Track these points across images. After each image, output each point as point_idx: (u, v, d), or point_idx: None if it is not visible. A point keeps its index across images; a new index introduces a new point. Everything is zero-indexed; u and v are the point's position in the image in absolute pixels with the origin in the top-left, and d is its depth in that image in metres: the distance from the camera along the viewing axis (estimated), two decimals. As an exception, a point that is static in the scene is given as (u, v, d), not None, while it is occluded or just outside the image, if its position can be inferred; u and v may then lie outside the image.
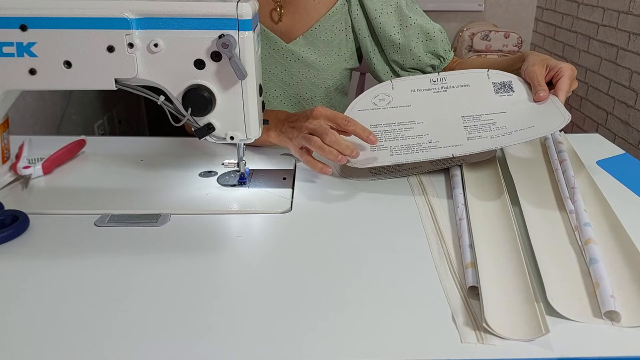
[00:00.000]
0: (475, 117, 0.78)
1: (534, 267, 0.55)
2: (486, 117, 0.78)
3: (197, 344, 0.46)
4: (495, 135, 0.74)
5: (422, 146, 0.74)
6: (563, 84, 0.78)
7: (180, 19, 0.61)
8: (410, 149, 0.75)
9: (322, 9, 0.97)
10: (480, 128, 0.76)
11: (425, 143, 0.75)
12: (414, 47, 0.98)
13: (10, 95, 0.71)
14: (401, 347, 0.45)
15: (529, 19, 2.99)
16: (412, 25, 0.97)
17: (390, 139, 0.77)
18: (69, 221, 0.66)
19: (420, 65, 1.00)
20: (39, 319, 0.49)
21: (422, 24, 0.98)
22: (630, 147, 2.13)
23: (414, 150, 0.74)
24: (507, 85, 0.83)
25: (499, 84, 0.83)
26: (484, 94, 0.81)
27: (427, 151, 0.74)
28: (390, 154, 0.74)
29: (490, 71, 0.84)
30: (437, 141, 0.75)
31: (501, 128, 0.75)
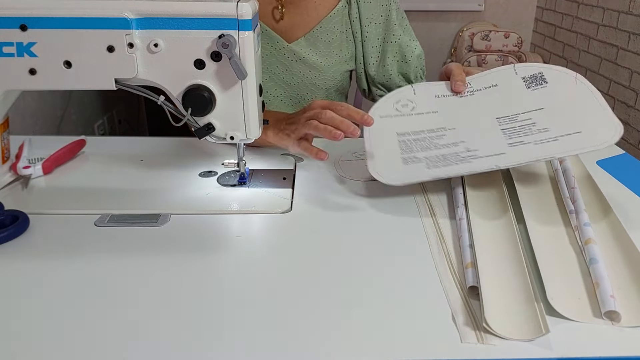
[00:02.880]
0: (512, 117, 0.71)
1: (534, 267, 0.55)
2: (523, 116, 0.71)
3: (197, 343, 0.46)
4: (540, 140, 0.66)
5: (460, 156, 0.68)
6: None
7: (180, 19, 0.61)
8: (448, 159, 0.68)
9: (323, 10, 0.97)
10: (520, 130, 0.69)
11: (464, 152, 0.68)
12: (388, 64, 1.00)
13: (10, 95, 0.71)
14: (401, 347, 0.45)
15: (529, 19, 2.99)
16: (393, 43, 0.99)
17: (423, 149, 0.70)
18: (69, 221, 0.66)
19: (389, 84, 1.02)
20: (39, 318, 0.49)
21: (403, 44, 0.99)
22: (630, 147, 2.13)
23: (452, 162, 0.67)
24: (538, 78, 0.75)
25: (529, 78, 0.76)
26: (516, 91, 0.75)
27: (468, 162, 0.66)
28: (426, 167, 0.67)
29: (516, 66, 0.77)
30: (476, 149, 0.68)
31: (544, 130, 0.68)
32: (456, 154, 0.68)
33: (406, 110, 0.76)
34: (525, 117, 0.71)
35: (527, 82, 0.75)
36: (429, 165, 0.68)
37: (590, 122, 0.67)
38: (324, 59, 0.99)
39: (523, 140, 0.68)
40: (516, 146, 0.67)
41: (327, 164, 0.83)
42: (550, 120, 0.69)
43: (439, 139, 0.72)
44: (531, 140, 0.67)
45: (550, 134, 0.67)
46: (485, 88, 0.77)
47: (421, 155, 0.70)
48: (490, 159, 0.66)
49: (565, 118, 0.69)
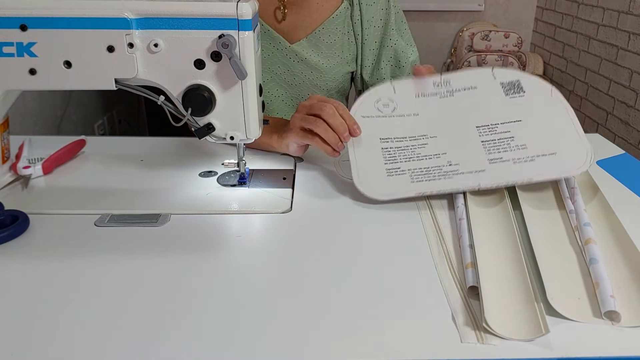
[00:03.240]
0: (491, 127, 0.73)
1: (534, 267, 0.55)
2: (502, 127, 0.73)
3: (197, 343, 0.46)
4: (518, 159, 0.69)
5: (443, 170, 0.69)
6: None
7: (180, 19, 0.61)
8: (431, 173, 0.69)
9: (326, 11, 0.97)
10: (499, 145, 0.71)
11: (446, 165, 0.70)
12: (382, 68, 1.01)
13: (10, 95, 0.71)
14: (401, 347, 0.45)
15: (529, 19, 2.99)
16: (388, 47, 1.00)
17: (406, 159, 0.71)
18: (69, 221, 0.65)
19: None
20: (39, 318, 0.49)
21: (399, 49, 1.00)
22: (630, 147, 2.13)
23: (435, 176, 0.69)
24: (516, 86, 0.77)
25: (507, 84, 0.77)
26: (495, 97, 0.76)
27: (450, 177, 0.69)
28: (410, 179, 0.69)
29: (495, 69, 0.79)
30: (457, 163, 0.70)
31: (522, 147, 0.70)
32: (439, 167, 0.70)
33: (387, 111, 0.76)
34: (505, 128, 0.73)
35: (506, 89, 0.77)
36: (412, 179, 0.70)
37: (564, 143, 0.70)
38: (325, 60, 0.99)
39: (502, 157, 0.70)
40: (495, 163, 0.70)
41: (327, 164, 0.83)
42: (527, 136, 0.71)
43: (421, 148, 0.73)
44: (509, 157, 0.70)
45: (527, 153, 0.70)
46: (464, 89, 0.77)
47: (405, 167, 0.71)
48: (471, 176, 0.69)
49: (541, 135, 0.71)
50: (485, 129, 0.73)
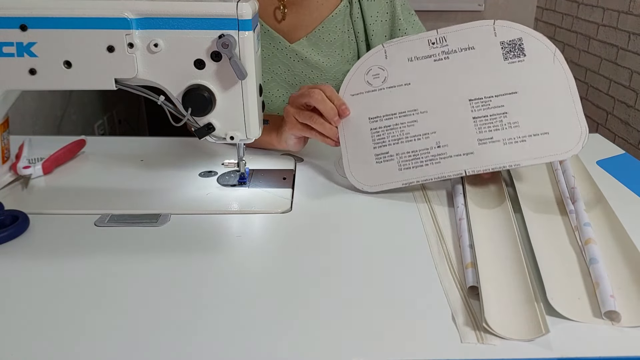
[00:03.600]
0: (484, 101, 0.71)
1: (534, 267, 0.55)
2: (496, 100, 0.70)
3: (197, 343, 0.46)
4: (508, 140, 0.68)
5: (430, 153, 0.70)
6: None
7: (180, 19, 0.61)
8: (418, 158, 0.71)
9: (325, 10, 0.97)
10: (491, 122, 0.70)
11: (434, 148, 0.70)
12: None
13: (10, 95, 0.71)
14: (401, 347, 0.45)
15: (529, 19, 2.99)
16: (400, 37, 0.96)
17: (395, 141, 0.72)
18: (69, 221, 0.65)
19: None
20: (39, 318, 0.49)
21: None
22: (630, 147, 2.13)
23: (422, 161, 0.70)
24: (517, 46, 0.72)
25: (507, 44, 0.72)
26: (492, 62, 0.72)
27: (438, 162, 0.70)
28: (398, 166, 0.71)
29: (496, 23, 0.73)
30: (445, 145, 0.70)
31: (514, 125, 0.69)
32: (427, 150, 0.71)
33: (377, 83, 0.75)
34: (498, 102, 0.70)
35: (505, 51, 0.72)
36: (400, 166, 0.71)
37: (559, 121, 0.68)
38: (326, 59, 0.99)
39: (492, 137, 0.69)
40: (485, 144, 0.69)
41: (327, 164, 0.83)
42: (521, 112, 0.69)
43: (410, 127, 0.72)
44: (500, 137, 0.69)
45: (519, 132, 0.69)
46: (461, 50, 0.73)
47: (393, 152, 0.72)
48: (459, 160, 0.69)
49: (536, 111, 0.69)
50: (478, 103, 0.71)
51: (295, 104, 0.77)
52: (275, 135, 0.83)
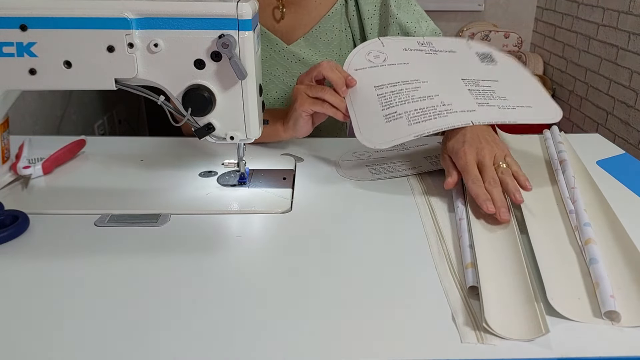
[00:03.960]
0: (474, 81, 0.78)
1: (534, 267, 0.55)
2: (484, 83, 0.78)
3: (196, 343, 0.46)
4: (502, 106, 0.73)
5: (437, 109, 0.72)
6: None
7: (180, 19, 0.61)
8: (426, 113, 0.72)
9: (322, 9, 0.97)
10: (483, 94, 0.75)
11: (439, 105, 0.73)
12: None
13: (10, 95, 0.71)
14: (401, 347, 0.45)
15: (529, 19, 2.99)
16: (392, 24, 0.95)
17: (402, 102, 0.74)
18: (69, 221, 0.66)
19: None
20: (39, 318, 0.49)
21: (403, 22, 0.94)
22: (630, 147, 2.14)
23: (430, 116, 0.71)
24: (488, 56, 0.84)
25: (481, 54, 0.84)
26: (472, 61, 0.82)
27: (445, 116, 0.71)
28: (407, 122, 0.71)
29: (469, 41, 0.86)
30: (450, 104, 0.73)
31: (502, 99, 0.75)
32: (433, 107, 0.73)
33: (378, 62, 0.79)
34: (486, 84, 0.78)
35: (480, 58, 0.84)
36: (409, 122, 0.72)
37: (538, 100, 0.77)
38: (324, 59, 0.98)
39: (488, 102, 0.74)
40: (484, 106, 0.74)
41: (327, 163, 0.83)
42: (506, 91, 0.77)
43: (415, 91, 0.75)
44: (495, 104, 0.74)
45: (509, 103, 0.75)
46: (445, 51, 0.83)
47: (401, 110, 0.73)
48: (465, 114, 0.72)
49: (517, 92, 0.77)
50: (469, 82, 0.78)
51: (304, 81, 0.79)
52: (281, 125, 0.83)
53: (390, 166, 0.81)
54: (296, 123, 0.80)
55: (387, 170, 0.80)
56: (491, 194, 0.64)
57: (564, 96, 2.71)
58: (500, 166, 0.67)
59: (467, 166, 0.67)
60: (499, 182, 0.65)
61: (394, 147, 0.88)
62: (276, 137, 0.85)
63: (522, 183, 0.66)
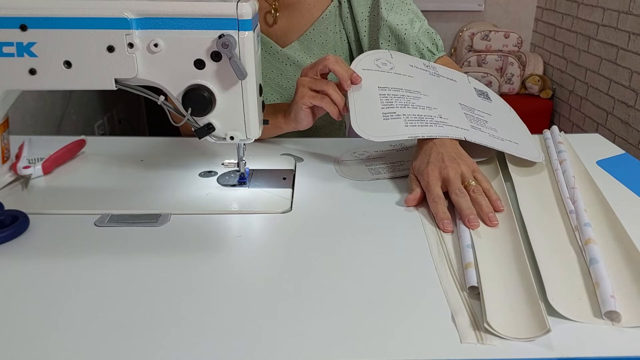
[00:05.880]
0: (470, 108, 0.81)
1: (534, 267, 0.55)
2: (478, 112, 0.81)
3: (196, 343, 0.46)
4: (492, 135, 0.77)
5: (434, 119, 0.74)
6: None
7: (180, 19, 0.61)
8: (424, 120, 0.73)
9: (316, 12, 0.96)
10: (477, 120, 0.78)
11: (437, 117, 0.75)
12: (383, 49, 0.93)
13: (10, 95, 0.71)
14: (401, 347, 0.45)
15: (529, 19, 2.99)
16: (383, 27, 0.92)
17: (402, 106, 0.75)
18: (69, 221, 0.66)
19: None
20: (39, 318, 0.49)
21: (394, 24, 0.91)
22: (630, 147, 2.14)
23: (427, 123, 0.73)
24: (485, 94, 0.89)
25: (478, 91, 0.88)
26: (470, 93, 0.86)
27: (440, 127, 0.73)
28: (404, 124, 0.73)
29: (469, 77, 0.91)
30: (447, 118, 0.75)
31: (493, 129, 0.78)
32: (430, 117, 0.75)
33: (386, 68, 0.81)
34: (480, 114, 0.81)
35: (477, 93, 0.88)
36: (406, 123, 0.73)
37: (523, 140, 0.81)
38: None
39: (481, 129, 0.77)
40: (476, 129, 0.76)
41: (327, 163, 0.83)
42: (497, 126, 0.81)
43: (415, 100, 0.77)
44: (486, 131, 0.77)
45: (498, 134, 0.78)
46: (447, 78, 0.87)
47: (400, 112, 0.74)
48: (459, 130, 0.74)
49: (506, 129, 0.81)
50: (466, 108, 0.81)
51: (309, 74, 0.79)
52: (282, 117, 0.83)
53: (390, 166, 0.81)
54: (297, 115, 0.80)
55: (387, 170, 0.80)
56: (458, 204, 0.64)
57: (564, 96, 2.71)
58: (470, 184, 0.67)
59: (429, 185, 0.68)
60: (466, 192, 0.66)
61: (394, 147, 0.88)
62: (278, 129, 0.85)
63: (494, 203, 0.65)
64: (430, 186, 0.67)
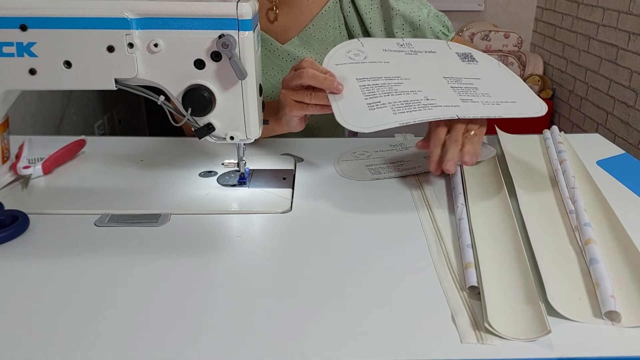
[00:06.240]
0: (456, 79, 0.77)
1: (534, 267, 0.55)
2: (466, 80, 0.77)
3: (196, 343, 0.46)
4: (485, 102, 0.73)
5: (421, 103, 0.71)
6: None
7: (180, 19, 0.61)
8: (410, 105, 0.70)
9: (316, 8, 0.97)
10: (466, 91, 0.75)
11: (423, 100, 0.71)
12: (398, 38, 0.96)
13: (10, 95, 0.71)
14: (401, 347, 0.45)
15: (529, 19, 2.99)
16: (395, 17, 0.95)
17: (385, 94, 0.72)
18: (69, 221, 0.66)
19: None
20: (39, 319, 0.49)
21: (406, 12, 0.95)
22: (630, 147, 2.14)
23: (415, 108, 0.70)
24: (469, 56, 0.83)
25: (461, 54, 0.83)
26: (452, 61, 0.82)
27: (430, 109, 0.70)
28: (392, 112, 0.69)
29: (449, 42, 0.86)
30: (433, 99, 0.72)
31: (486, 95, 0.75)
32: (417, 100, 0.72)
33: (359, 59, 0.78)
34: (468, 82, 0.77)
35: (460, 58, 0.83)
36: (394, 111, 0.70)
37: (521, 95, 0.77)
38: (318, 57, 0.99)
39: (472, 99, 0.74)
40: (467, 102, 0.73)
41: (327, 163, 0.83)
42: (488, 89, 0.77)
43: (397, 86, 0.74)
44: (478, 100, 0.74)
45: (492, 99, 0.75)
46: (425, 52, 0.82)
47: (385, 101, 0.71)
48: (449, 108, 0.71)
49: (500, 88, 0.77)
50: (451, 80, 0.77)
51: (289, 86, 0.76)
52: (275, 121, 0.82)
53: (389, 166, 0.81)
54: (289, 123, 0.80)
55: (387, 170, 0.80)
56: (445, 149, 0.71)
57: (564, 96, 2.71)
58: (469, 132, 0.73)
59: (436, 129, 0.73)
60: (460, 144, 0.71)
61: (394, 147, 0.88)
62: (272, 132, 0.85)
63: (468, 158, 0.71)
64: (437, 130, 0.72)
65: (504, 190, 0.70)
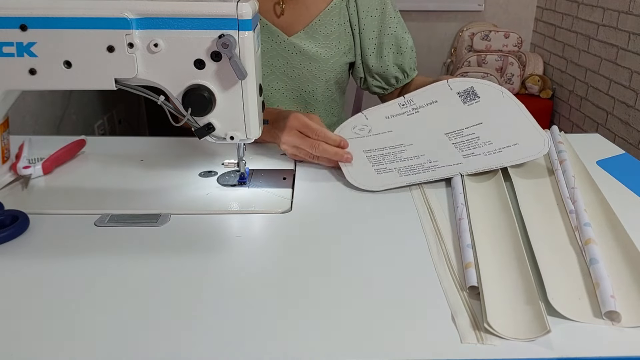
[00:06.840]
0: (457, 132, 0.80)
1: (534, 267, 0.55)
2: (467, 130, 0.80)
3: (196, 343, 0.46)
4: (487, 152, 0.77)
5: (424, 166, 0.76)
6: None
7: (180, 19, 0.61)
8: (415, 169, 0.76)
9: (322, 4, 1.00)
10: (468, 144, 0.78)
11: (426, 163, 0.77)
12: (384, 55, 1.03)
13: (10, 95, 0.71)
14: (401, 347, 0.45)
15: (529, 19, 2.99)
16: (389, 35, 1.02)
17: (390, 162, 0.78)
18: (69, 221, 0.66)
19: (386, 74, 1.06)
20: (39, 318, 0.49)
21: (399, 36, 1.03)
22: (630, 147, 2.13)
23: (419, 171, 0.76)
24: (471, 92, 0.84)
25: (463, 93, 0.84)
26: (454, 107, 0.82)
27: (433, 170, 0.75)
28: (399, 175, 0.75)
29: (449, 81, 0.85)
30: (436, 160, 0.77)
31: (488, 143, 0.77)
32: (421, 164, 0.77)
33: (364, 133, 0.82)
34: (469, 131, 0.80)
35: (462, 98, 0.84)
36: (400, 174, 0.76)
37: (523, 134, 0.78)
38: (323, 50, 1.01)
39: (474, 152, 0.77)
40: (469, 157, 0.77)
41: (327, 164, 0.83)
42: (490, 134, 0.79)
43: (401, 153, 0.79)
44: (480, 152, 0.77)
45: (494, 147, 0.77)
46: (427, 104, 0.83)
47: (392, 167, 0.77)
48: (452, 167, 0.76)
49: (501, 131, 0.79)
50: (452, 135, 0.80)
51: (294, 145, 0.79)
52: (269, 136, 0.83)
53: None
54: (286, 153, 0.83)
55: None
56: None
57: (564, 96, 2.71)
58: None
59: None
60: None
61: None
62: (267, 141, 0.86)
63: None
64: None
65: (504, 191, 0.70)
